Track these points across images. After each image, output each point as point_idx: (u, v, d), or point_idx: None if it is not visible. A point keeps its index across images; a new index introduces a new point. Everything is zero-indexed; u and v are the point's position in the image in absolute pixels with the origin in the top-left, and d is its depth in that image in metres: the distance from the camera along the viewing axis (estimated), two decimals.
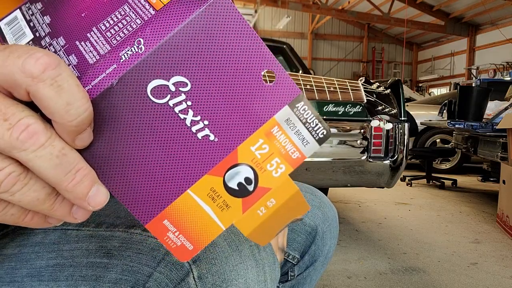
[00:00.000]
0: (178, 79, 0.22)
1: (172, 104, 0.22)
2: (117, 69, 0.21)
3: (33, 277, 0.40)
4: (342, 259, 2.09)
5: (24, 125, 0.18)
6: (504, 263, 2.09)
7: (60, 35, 0.23)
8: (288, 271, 0.67)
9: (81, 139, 0.20)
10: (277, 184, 0.24)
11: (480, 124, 3.16)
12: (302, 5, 11.83)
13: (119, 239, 0.42)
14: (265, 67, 0.23)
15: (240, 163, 0.23)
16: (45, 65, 0.18)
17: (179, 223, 0.23)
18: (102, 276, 0.39)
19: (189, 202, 0.23)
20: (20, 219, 0.21)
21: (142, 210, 0.23)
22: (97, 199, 0.21)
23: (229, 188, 0.24)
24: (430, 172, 4.30)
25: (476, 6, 11.44)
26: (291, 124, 0.24)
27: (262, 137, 0.24)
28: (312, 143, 0.24)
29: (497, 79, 6.35)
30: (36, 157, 0.19)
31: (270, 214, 0.25)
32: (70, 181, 0.20)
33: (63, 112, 0.19)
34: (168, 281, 0.38)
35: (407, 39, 15.51)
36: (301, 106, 0.24)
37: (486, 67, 12.15)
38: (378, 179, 2.21)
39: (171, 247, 0.24)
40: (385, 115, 2.13)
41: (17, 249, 0.43)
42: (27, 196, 0.20)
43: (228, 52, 0.22)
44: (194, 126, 0.22)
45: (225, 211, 0.24)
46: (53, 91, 0.18)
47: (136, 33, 0.22)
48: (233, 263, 0.40)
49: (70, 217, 0.22)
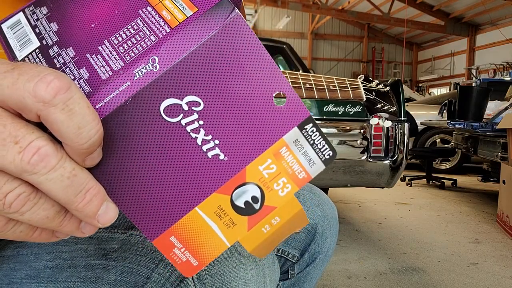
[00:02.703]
0: (192, 98, 0.22)
1: (184, 123, 0.22)
2: (131, 87, 0.21)
3: (32, 279, 0.40)
4: (342, 259, 2.09)
5: (35, 148, 0.18)
6: (504, 263, 2.09)
7: (69, 45, 0.23)
8: (288, 269, 0.67)
9: (91, 158, 0.20)
10: (282, 203, 0.25)
11: (480, 124, 3.16)
12: (302, 5, 11.83)
13: (118, 240, 0.41)
14: (276, 89, 0.23)
15: (248, 182, 0.24)
16: (57, 89, 0.18)
17: (186, 240, 0.24)
18: (101, 277, 0.39)
19: (196, 219, 0.24)
20: (29, 236, 0.21)
21: (150, 227, 0.23)
22: (106, 216, 0.21)
23: (236, 206, 0.24)
24: (430, 172, 4.30)
25: (476, 6, 11.44)
26: (299, 145, 0.24)
27: (270, 157, 0.24)
28: (319, 164, 0.25)
29: (497, 79, 6.34)
30: (47, 180, 0.19)
31: (274, 231, 0.25)
32: (81, 201, 0.20)
33: (74, 136, 0.19)
34: (167, 282, 0.37)
35: (407, 39, 15.52)
36: (309, 127, 0.24)
37: (486, 67, 12.15)
38: (378, 179, 2.21)
39: (176, 262, 0.24)
40: (384, 113, 2.13)
41: (15, 250, 0.43)
42: (37, 215, 0.20)
43: (242, 73, 0.22)
44: (205, 145, 0.23)
45: (230, 228, 0.24)
46: (64, 115, 0.18)
47: (151, 50, 0.22)
48: (232, 264, 0.40)
49: (78, 232, 0.22)
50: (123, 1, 0.24)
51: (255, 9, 11.75)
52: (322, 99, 1.89)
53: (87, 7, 0.24)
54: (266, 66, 0.23)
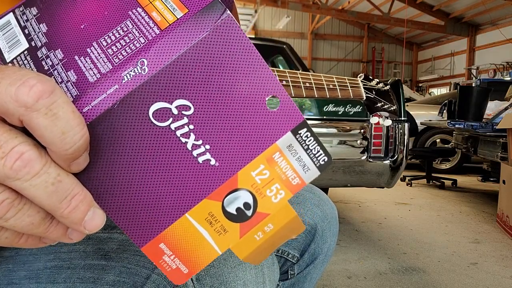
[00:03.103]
0: (181, 102, 0.21)
1: (174, 127, 0.21)
2: (119, 90, 0.20)
3: (30, 279, 0.40)
4: (342, 259, 2.09)
5: (17, 154, 0.18)
6: (504, 263, 2.09)
7: (57, 47, 0.23)
8: (288, 270, 0.67)
9: (76, 164, 0.20)
10: (276, 209, 0.24)
11: (480, 124, 3.16)
12: (302, 5, 11.83)
13: (117, 241, 0.41)
14: (270, 92, 0.22)
15: (239, 188, 0.23)
16: (39, 93, 0.17)
17: (175, 247, 0.23)
18: (100, 278, 0.39)
19: (187, 226, 0.23)
20: (15, 242, 0.21)
21: (138, 233, 0.23)
22: (93, 222, 0.20)
23: (228, 213, 0.23)
24: (430, 172, 4.30)
25: (476, 6, 11.44)
26: (293, 151, 0.24)
27: (263, 163, 0.23)
28: (313, 170, 0.24)
29: (497, 79, 6.35)
30: (30, 186, 0.18)
31: (267, 238, 0.25)
32: (66, 208, 0.19)
33: (58, 141, 0.18)
34: (166, 283, 0.37)
35: (407, 39, 15.52)
36: (304, 132, 0.24)
37: (486, 67, 12.15)
38: (378, 179, 2.21)
39: (166, 270, 0.23)
40: (384, 111, 2.13)
41: (14, 251, 0.43)
42: (22, 221, 0.19)
43: (233, 76, 0.22)
44: (195, 150, 0.22)
45: (222, 235, 0.23)
46: (47, 120, 0.18)
47: (139, 53, 0.21)
48: (231, 265, 0.40)
49: (66, 238, 0.21)
50: (113, 2, 0.23)
51: (255, 9, 11.75)
52: (322, 98, 1.89)
53: (76, 8, 0.24)
54: (259, 69, 0.22)
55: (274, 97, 0.23)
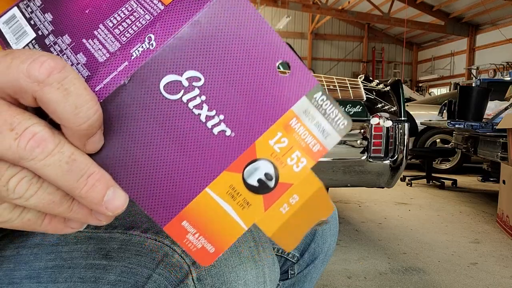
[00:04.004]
0: (191, 73, 0.21)
1: (186, 99, 0.21)
2: (129, 66, 0.20)
3: (32, 279, 0.40)
4: (342, 259, 2.09)
5: (31, 134, 0.18)
6: (504, 263, 2.09)
7: (64, 33, 0.23)
8: (288, 269, 0.67)
9: (91, 143, 0.20)
10: (299, 179, 0.23)
11: (480, 124, 3.16)
12: (302, 5, 11.83)
13: (118, 240, 0.41)
14: (279, 57, 0.22)
15: (259, 158, 0.22)
16: (50, 68, 0.18)
17: (199, 224, 0.22)
18: (101, 278, 0.39)
19: (208, 201, 0.22)
20: (38, 224, 0.21)
21: (160, 212, 0.22)
22: (114, 203, 0.20)
23: (249, 184, 0.22)
24: (430, 172, 4.30)
25: (476, 6, 11.44)
26: (310, 116, 0.23)
27: (280, 130, 0.23)
28: (333, 135, 0.24)
29: (497, 79, 6.34)
30: (45, 165, 0.18)
31: (294, 212, 0.23)
32: (83, 187, 0.19)
33: (72, 116, 0.18)
34: (167, 283, 0.37)
35: (407, 39, 15.51)
36: (319, 96, 0.23)
37: (486, 67, 12.14)
38: (378, 179, 2.21)
39: (191, 250, 0.23)
40: (384, 112, 2.13)
41: (15, 250, 0.43)
42: (42, 199, 0.19)
43: (241, 44, 0.21)
44: (209, 121, 0.22)
45: (246, 209, 0.23)
46: (60, 95, 0.18)
47: (146, 29, 0.21)
48: (232, 264, 0.40)
49: (92, 219, 0.21)
50: None
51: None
52: None
53: None
54: (266, 35, 0.22)
55: (284, 62, 0.22)
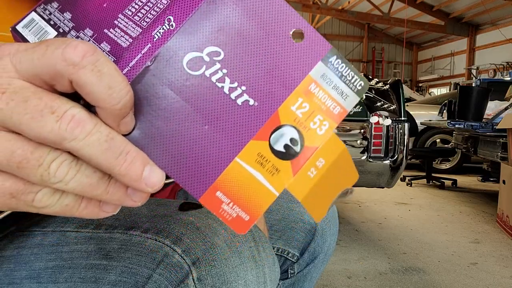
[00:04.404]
0: (211, 49, 0.22)
1: (208, 74, 0.22)
2: (152, 48, 0.22)
3: (32, 279, 0.40)
4: (342, 259, 2.09)
5: (70, 115, 0.19)
6: (504, 263, 2.09)
7: (85, 27, 0.24)
8: (288, 269, 0.67)
9: (124, 123, 0.21)
10: (323, 141, 0.24)
11: (480, 124, 3.16)
12: (302, 5, 11.83)
13: (118, 241, 0.41)
14: (293, 26, 0.23)
15: (283, 125, 0.23)
16: (84, 51, 0.19)
17: (232, 193, 0.23)
18: (101, 278, 0.39)
19: (239, 170, 0.23)
20: (75, 208, 0.22)
21: (194, 185, 0.23)
22: (152, 179, 0.21)
23: (276, 151, 0.23)
24: (430, 172, 4.30)
25: (476, 6, 11.44)
26: (328, 80, 0.24)
27: (301, 96, 0.23)
28: (352, 96, 0.24)
29: (497, 79, 6.35)
30: (85, 145, 0.19)
31: (321, 176, 0.24)
32: (122, 164, 0.20)
33: (106, 96, 0.19)
34: (168, 283, 0.37)
35: (407, 39, 15.52)
36: (334, 60, 0.24)
37: (486, 67, 12.15)
38: (378, 179, 2.21)
39: (227, 219, 0.23)
40: (384, 111, 2.13)
41: (15, 250, 0.43)
42: (81, 182, 0.20)
43: (255, 16, 0.23)
44: (233, 93, 0.23)
45: (275, 175, 0.23)
46: (94, 76, 0.19)
47: (164, 12, 0.22)
48: (232, 264, 0.40)
49: (128, 200, 0.22)
50: None
51: None
52: None
53: None
54: (278, 4, 0.23)
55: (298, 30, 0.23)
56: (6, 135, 0.19)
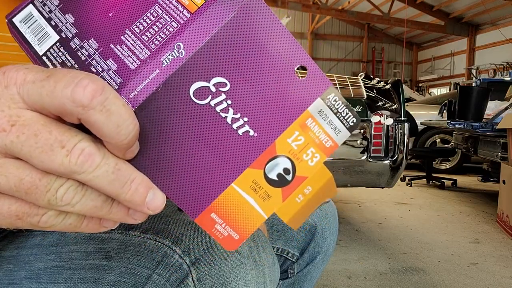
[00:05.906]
0: (218, 80, 0.23)
1: (213, 104, 0.23)
2: (160, 74, 0.22)
3: (31, 279, 0.40)
4: (342, 259, 2.09)
5: (80, 150, 0.19)
6: (504, 263, 2.09)
7: (90, 37, 0.24)
8: (287, 268, 0.67)
9: (130, 151, 0.21)
10: (313, 172, 0.26)
11: (480, 124, 3.16)
12: (302, 5, 11.83)
13: (118, 241, 0.41)
14: (298, 62, 0.24)
15: (278, 155, 0.25)
16: (93, 91, 0.19)
17: (225, 215, 0.25)
18: (101, 278, 0.39)
19: (234, 195, 0.24)
20: (77, 226, 0.23)
21: (191, 206, 0.24)
22: (154, 203, 0.22)
23: (270, 179, 0.25)
24: (430, 172, 4.30)
25: (476, 6, 11.44)
26: (324, 115, 0.25)
27: (297, 129, 0.25)
28: (344, 132, 0.26)
29: (497, 79, 6.34)
30: (94, 177, 0.20)
31: (306, 200, 0.26)
32: (128, 192, 0.21)
33: (114, 134, 0.20)
34: (167, 283, 0.37)
35: (407, 39, 15.51)
36: (332, 97, 0.25)
37: (486, 67, 12.14)
38: (378, 179, 2.21)
39: (218, 238, 0.25)
40: (385, 110, 2.13)
41: (15, 251, 0.43)
42: (86, 205, 0.21)
43: (264, 50, 0.23)
44: (235, 123, 0.24)
45: (266, 201, 0.25)
46: (103, 116, 0.19)
47: (174, 37, 0.22)
48: (232, 265, 0.40)
49: (129, 219, 0.23)
50: None
51: None
52: None
53: None
54: (286, 41, 0.23)
55: (302, 66, 0.24)
56: (15, 162, 0.20)
